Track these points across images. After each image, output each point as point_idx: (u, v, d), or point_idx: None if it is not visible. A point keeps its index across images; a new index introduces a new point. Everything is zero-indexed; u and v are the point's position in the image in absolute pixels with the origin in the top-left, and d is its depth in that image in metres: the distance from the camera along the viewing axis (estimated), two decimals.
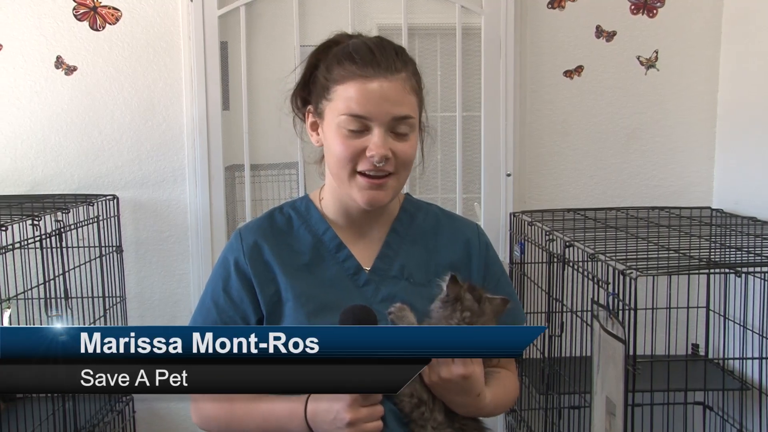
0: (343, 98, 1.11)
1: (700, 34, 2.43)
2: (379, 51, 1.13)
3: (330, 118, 1.14)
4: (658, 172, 2.49)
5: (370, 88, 1.10)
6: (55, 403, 1.93)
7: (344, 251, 1.21)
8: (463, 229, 1.28)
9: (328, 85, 1.14)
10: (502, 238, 2.45)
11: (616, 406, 1.61)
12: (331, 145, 1.14)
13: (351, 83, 1.11)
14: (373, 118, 1.11)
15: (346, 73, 1.11)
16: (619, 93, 2.45)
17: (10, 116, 2.35)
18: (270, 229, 1.22)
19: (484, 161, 2.43)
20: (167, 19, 2.36)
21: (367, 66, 1.11)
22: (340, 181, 1.16)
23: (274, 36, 2.47)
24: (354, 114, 1.11)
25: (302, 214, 1.24)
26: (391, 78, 1.11)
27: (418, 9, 2.46)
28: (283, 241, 1.21)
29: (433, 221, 1.27)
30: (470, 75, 2.48)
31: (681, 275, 2.08)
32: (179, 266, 2.44)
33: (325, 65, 1.16)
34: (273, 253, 1.19)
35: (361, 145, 1.11)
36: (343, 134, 1.12)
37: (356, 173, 1.13)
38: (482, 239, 1.29)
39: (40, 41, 2.34)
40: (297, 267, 1.19)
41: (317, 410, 1.06)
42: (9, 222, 1.78)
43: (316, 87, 1.18)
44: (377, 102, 1.10)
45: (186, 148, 2.39)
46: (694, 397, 2.21)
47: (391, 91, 1.11)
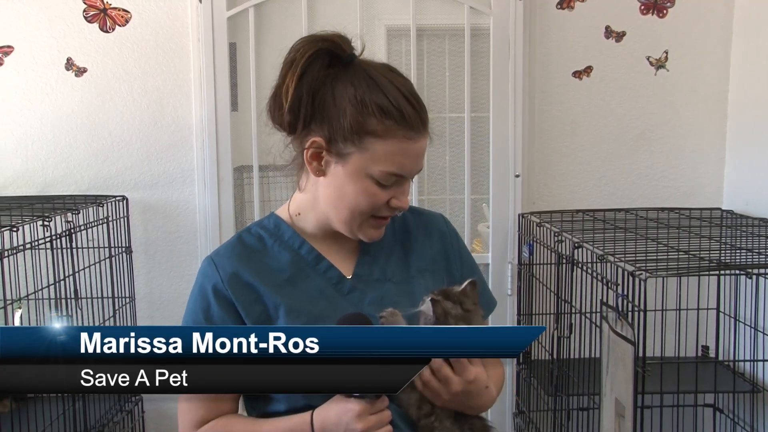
0: (384, 154, 1.08)
1: (710, 34, 2.41)
2: (419, 105, 1.11)
3: (359, 165, 1.09)
4: (668, 172, 2.47)
5: (413, 149, 1.10)
6: (65, 402, 1.94)
7: (324, 262, 1.19)
8: (434, 222, 1.30)
9: (362, 134, 1.08)
10: (511, 239, 2.44)
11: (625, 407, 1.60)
12: (352, 193, 1.11)
13: (395, 141, 1.08)
14: (409, 175, 1.13)
15: (386, 129, 1.08)
16: (629, 93, 2.44)
17: (22, 118, 2.37)
18: (243, 250, 1.19)
19: (492, 162, 2.42)
20: (176, 21, 2.37)
21: (413, 128, 1.09)
22: (348, 222, 1.14)
23: (283, 37, 2.47)
24: (395, 173, 1.10)
25: (273, 232, 1.21)
26: (425, 133, 1.13)
27: (427, 10, 2.46)
28: (259, 261, 1.18)
29: (401, 221, 1.27)
30: (479, 76, 2.47)
31: (691, 276, 2.07)
32: (188, 267, 2.45)
33: (353, 105, 1.07)
34: (252, 273, 1.16)
35: (386, 197, 1.12)
36: (373, 189, 1.10)
37: (371, 218, 1.14)
38: (450, 228, 1.31)
39: (51, 43, 2.36)
40: (280, 284, 1.17)
41: (326, 423, 1.06)
42: (20, 223, 1.79)
43: (330, 120, 1.09)
44: (416, 161, 1.12)
45: (195, 150, 2.40)
46: (704, 399, 2.20)
47: (423, 147, 1.13)
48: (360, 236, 1.16)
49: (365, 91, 1.08)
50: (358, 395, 1.03)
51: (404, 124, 1.08)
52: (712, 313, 2.26)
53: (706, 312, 2.25)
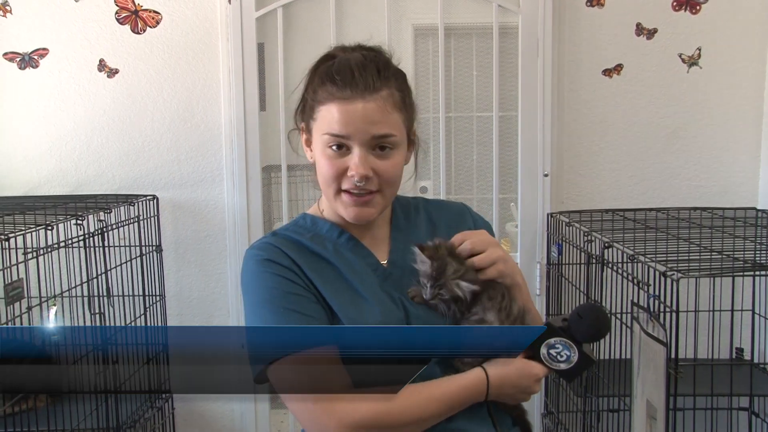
0: (326, 119, 1.16)
1: (746, 30, 2.36)
2: (359, 70, 1.15)
3: (316, 137, 1.19)
4: (701, 171, 2.43)
5: (349, 109, 1.14)
6: (98, 399, 1.97)
7: (363, 249, 1.24)
8: (458, 213, 1.35)
9: (314, 105, 1.19)
10: (540, 238, 2.42)
11: (657, 409, 1.57)
12: (319, 164, 1.20)
13: (332, 104, 1.15)
14: (353, 137, 1.15)
15: (327, 94, 1.16)
16: (660, 91, 2.41)
17: (56, 119, 2.42)
18: (284, 240, 1.23)
19: (521, 161, 2.41)
20: (206, 22, 2.39)
21: (347, 87, 1.14)
22: (327, 198, 1.22)
23: (311, 37, 2.48)
24: (334, 134, 1.15)
25: (310, 228, 1.27)
26: (370, 98, 1.14)
27: (455, 8, 2.45)
28: (301, 247, 1.22)
29: (425, 214, 1.33)
30: (507, 74, 2.46)
31: (725, 277, 2.03)
32: (217, 265, 2.48)
33: (311, 85, 1.20)
34: (296, 256, 1.19)
35: (343, 164, 1.16)
36: (327, 154, 1.17)
37: (341, 191, 1.18)
38: (474, 215, 1.36)
39: (84, 45, 2.40)
40: (322, 267, 1.20)
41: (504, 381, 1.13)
42: (54, 222, 1.82)
43: (306, 105, 1.23)
44: (356, 122, 1.14)
45: (224, 149, 2.43)
46: (738, 402, 2.15)
47: (370, 111, 1.14)
48: (344, 215, 1.20)
49: (322, 71, 1.18)
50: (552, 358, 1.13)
51: (341, 85, 1.14)
52: (747, 314, 2.21)
53: (740, 313, 2.20)
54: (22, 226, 1.72)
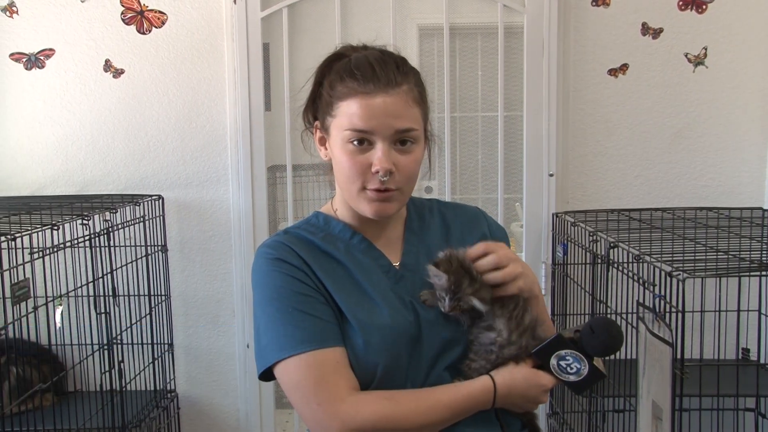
0: (347, 114, 1.14)
1: (752, 29, 2.36)
2: (379, 66, 1.15)
3: (335, 134, 1.17)
4: (707, 171, 2.42)
5: (372, 103, 1.13)
6: (104, 398, 1.98)
7: (375, 251, 1.24)
8: (473, 216, 1.35)
9: (332, 101, 1.17)
10: (545, 238, 2.42)
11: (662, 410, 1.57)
12: (339, 161, 1.17)
13: (353, 99, 1.13)
14: (376, 132, 1.13)
15: (348, 89, 1.14)
16: (666, 91, 2.40)
17: (62, 119, 2.43)
18: (296, 239, 1.22)
19: (526, 161, 2.40)
20: (211, 22, 2.40)
21: (369, 82, 1.13)
22: (349, 195, 1.19)
23: (316, 37, 2.49)
24: (357, 129, 1.13)
25: (322, 227, 1.26)
26: (392, 92, 1.13)
27: (460, 8, 2.45)
28: (312, 247, 1.21)
29: (439, 216, 1.33)
30: (512, 74, 2.45)
31: (731, 277, 2.02)
32: (222, 265, 2.48)
33: (328, 81, 1.19)
34: (306, 256, 1.19)
35: (366, 160, 1.14)
36: (349, 150, 1.15)
37: (364, 189, 1.16)
38: (489, 219, 1.36)
39: (90, 45, 2.40)
40: (332, 267, 1.20)
41: (512, 390, 1.13)
42: (60, 221, 1.83)
43: (321, 103, 1.21)
44: (379, 117, 1.13)
45: (229, 149, 2.43)
46: (745, 403, 2.14)
47: (392, 105, 1.13)
48: (366, 212, 1.18)
49: (340, 67, 1.18)
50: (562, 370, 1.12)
51: (362, 80, 1.13)
52: (753, 315, 2.20)
53: (746, 314, 2.20)
54: (29, 226, 1.73)
